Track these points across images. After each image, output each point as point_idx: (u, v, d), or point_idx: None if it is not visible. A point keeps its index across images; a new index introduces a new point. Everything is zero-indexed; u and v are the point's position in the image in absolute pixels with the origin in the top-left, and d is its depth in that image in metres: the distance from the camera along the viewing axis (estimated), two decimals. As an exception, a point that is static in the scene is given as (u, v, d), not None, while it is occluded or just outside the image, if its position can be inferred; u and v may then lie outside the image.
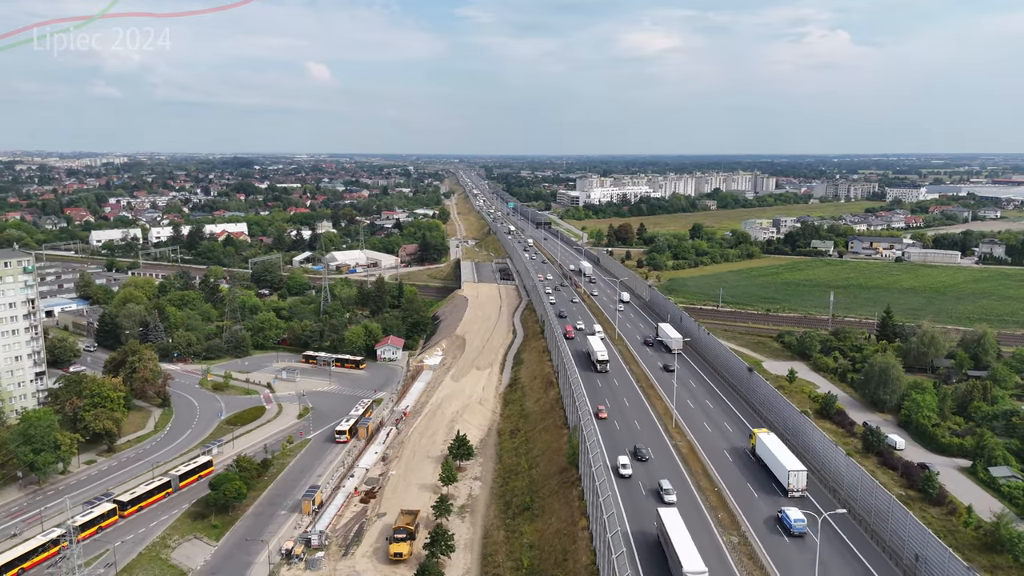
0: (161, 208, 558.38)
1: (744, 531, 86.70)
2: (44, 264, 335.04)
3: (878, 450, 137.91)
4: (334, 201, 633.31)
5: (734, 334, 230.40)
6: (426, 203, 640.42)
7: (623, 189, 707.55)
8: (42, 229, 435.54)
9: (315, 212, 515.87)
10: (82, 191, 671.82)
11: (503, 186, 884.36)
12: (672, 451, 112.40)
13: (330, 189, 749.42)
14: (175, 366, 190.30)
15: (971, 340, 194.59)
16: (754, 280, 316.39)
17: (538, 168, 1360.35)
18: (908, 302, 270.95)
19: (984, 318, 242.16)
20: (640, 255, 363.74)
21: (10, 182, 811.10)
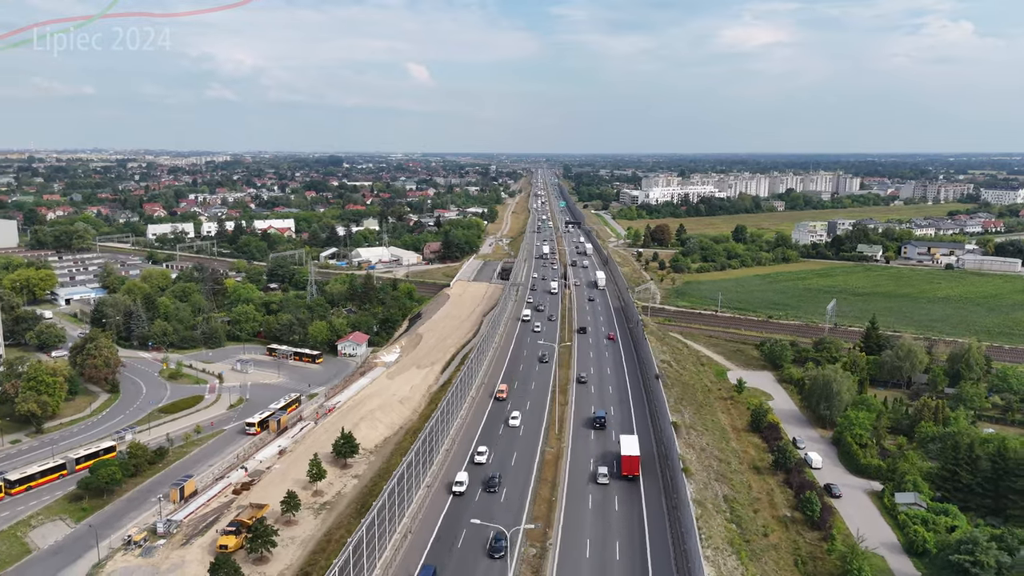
0: (229, 204, 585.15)
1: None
2: (90, 256, 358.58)
3: (787, 467, 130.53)
4: (396, 199, 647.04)
5: (718, 340, 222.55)
6: (485, 202, 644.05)
7: (686, 189, 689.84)
8: (113, 223, 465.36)
9: (364, 209, 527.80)
10: (169, 187, 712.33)
11: (573, 184, 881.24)
12: (536, 456, 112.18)
13: (397, 187, 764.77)
14: (148, 354, 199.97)
15: (958, 355, 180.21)
16: (774, 285, 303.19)
17: (621, 166, 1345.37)
18: (930, 312, 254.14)
19: (1007, 332, 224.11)
20: (670, 256, 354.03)
21: (113, 178, 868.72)
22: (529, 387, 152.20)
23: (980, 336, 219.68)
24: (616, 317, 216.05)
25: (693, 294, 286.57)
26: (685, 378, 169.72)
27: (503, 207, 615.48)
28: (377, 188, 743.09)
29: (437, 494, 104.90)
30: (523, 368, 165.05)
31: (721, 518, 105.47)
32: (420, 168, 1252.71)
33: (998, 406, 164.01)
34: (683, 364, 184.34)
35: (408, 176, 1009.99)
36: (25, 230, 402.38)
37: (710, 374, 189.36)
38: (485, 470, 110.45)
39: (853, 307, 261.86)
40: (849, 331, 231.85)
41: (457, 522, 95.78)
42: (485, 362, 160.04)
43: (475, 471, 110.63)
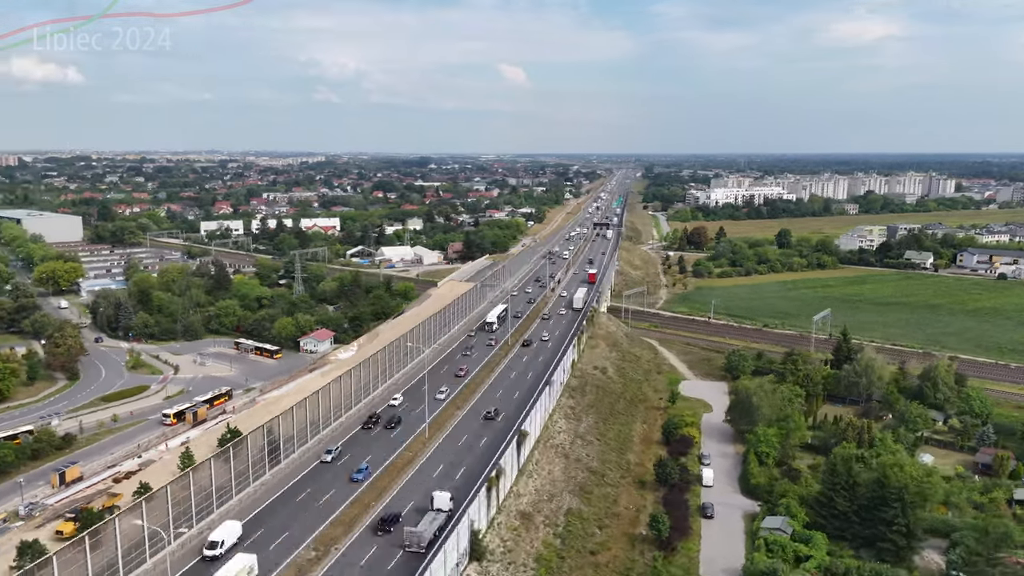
0: (293, 203, 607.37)
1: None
2: (138, 250, 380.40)
3: (671, 483, 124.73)
4: (456, 199, 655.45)
5: (694, 348, 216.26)
6: (544, 202, 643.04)
7: (754, 190, 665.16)
8: (177, 219, 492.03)
9: (416, 209, 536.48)
10: (246, 186, 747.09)
11: (647, 185, 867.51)
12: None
13: (461, 188, 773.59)
14: (127, 344, 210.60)
15: (925, 372, 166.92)
16: (791, 293, 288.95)
17: (710, 167, 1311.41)
18: (947, 326, 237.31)
19: (1018, 350, 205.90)
20: (697, 260, 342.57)
21: (207, 178, 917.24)
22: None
23: (990, 352, 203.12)
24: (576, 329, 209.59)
25: (698, 300, 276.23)
26: (615, 387, 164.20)
27: (559, 208, 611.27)
28: (442, 188, 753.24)
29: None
30: (435, 381, 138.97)
31: (545, 533, 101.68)
32: (501, 169, 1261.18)
33: (955, 430, 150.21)
34: (627, 372, 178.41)
35: (483, 176, 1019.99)
36: (97, 226, 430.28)
37: (660, 383, 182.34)
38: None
39: (867, 318, 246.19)
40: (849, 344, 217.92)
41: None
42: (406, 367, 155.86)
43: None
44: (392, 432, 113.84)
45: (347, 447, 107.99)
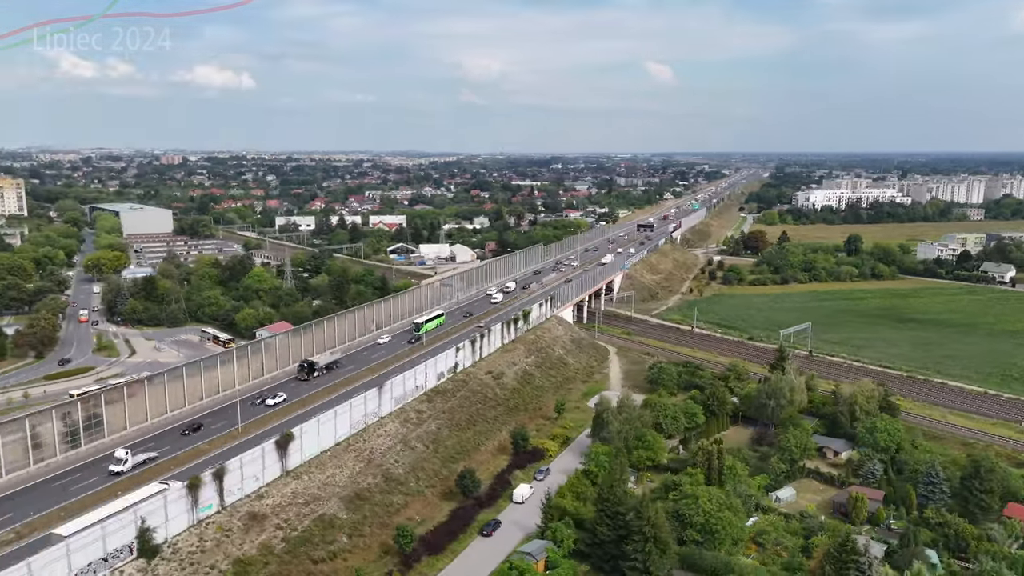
0: (383, 201, 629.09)
1: None
2: (207, 241, 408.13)
3: (475, 496, 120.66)
4: (548, 198, 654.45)
5: (648, 358, 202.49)
6: (638, 203, 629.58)
7: (863, 192, 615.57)
8: (272, 214, 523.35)
9: (477, 209, 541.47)
10: (350, 185, 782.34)
11: (763, 184, 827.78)
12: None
13: (565, 185, 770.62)
14: (114, 328, 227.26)
15: (841, 397, 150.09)
16: (813, 304, 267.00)
17: (849, 166, 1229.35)
18: (963, 348, 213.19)
19: (1009, 375, 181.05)
20: (734, 266, 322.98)
21: (329, 176, 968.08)
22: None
23: (989, 381, 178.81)
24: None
25: (705, 308, 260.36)
26: (500, 394, 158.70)
27: (650, 208, 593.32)
28: (539, 188, 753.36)
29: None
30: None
31: (270, 536, 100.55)
32: (624, 168, 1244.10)
33: (853, 463, 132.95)
34: (535, 379, 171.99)
35: (595, 176, 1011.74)
36: (180, 219, 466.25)
37: (575, 393, 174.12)
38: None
39: (871, 334, 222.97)
40: (825, 360, 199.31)
41: None
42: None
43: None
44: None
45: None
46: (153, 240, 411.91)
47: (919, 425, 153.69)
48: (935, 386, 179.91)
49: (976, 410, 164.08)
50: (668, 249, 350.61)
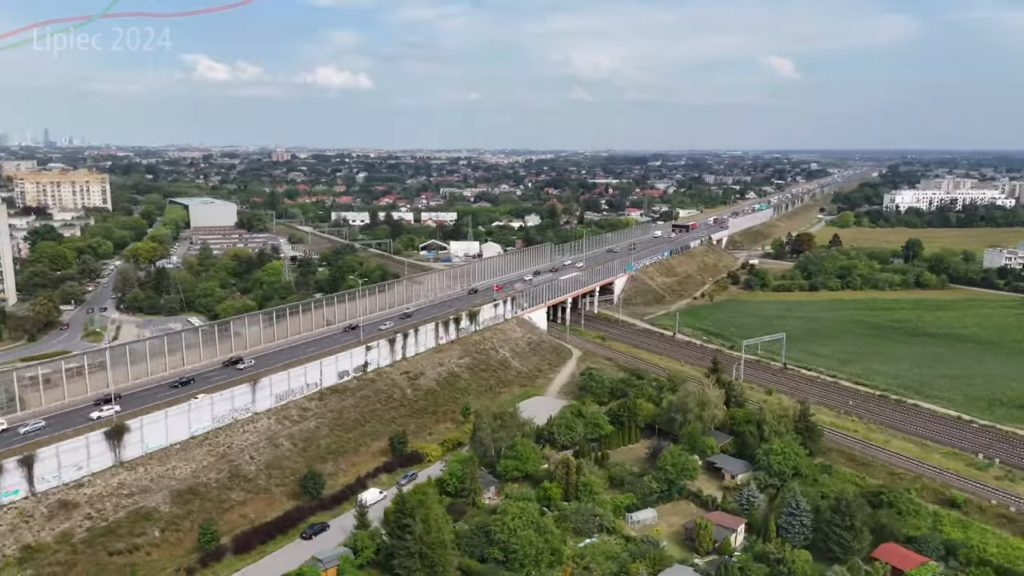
0: (446, 198, 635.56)
1: None
2: (260, 235, 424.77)
3: (320, 497, 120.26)
4: (619, 195, 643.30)
5: (612, 363, 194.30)
6: (711, 202, 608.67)
7: (961, 193, 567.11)
8: (341, 209, 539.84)
9: (529, 207, 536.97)
10: (434, 183, 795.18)
11: (874, 179, 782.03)
12: None
13: (625, 185, 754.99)
14: (117, 315, 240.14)
15: (752, 416, 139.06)
16: (822, 314, 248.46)
17: (980, 164, 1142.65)
18: (968, 368, 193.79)
19: (998, 399, 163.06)
20: (760, 271, 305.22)
21: (415, 174, 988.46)
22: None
23: (974, 406, 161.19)
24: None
25: (704, 314, 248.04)
26: (407, 395, 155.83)
27: (722, 208, 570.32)
28: (613, 186, 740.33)
29: None
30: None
31: (74, 524, 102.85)
32: (724, 166, 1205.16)
33: (741, 487, 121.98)
34: (459, 382, 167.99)
35: (686, 173, 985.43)
36: (241, 213, 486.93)
37: (506, 397, 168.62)
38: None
39: (882, 349, 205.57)
40: (798, 375, 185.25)
41: None
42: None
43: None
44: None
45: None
46: (215, 233, 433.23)
47: (851, 449, 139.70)
48: (906, 408, 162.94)
49: (935, 436, 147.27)
50: (700, 251, 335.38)
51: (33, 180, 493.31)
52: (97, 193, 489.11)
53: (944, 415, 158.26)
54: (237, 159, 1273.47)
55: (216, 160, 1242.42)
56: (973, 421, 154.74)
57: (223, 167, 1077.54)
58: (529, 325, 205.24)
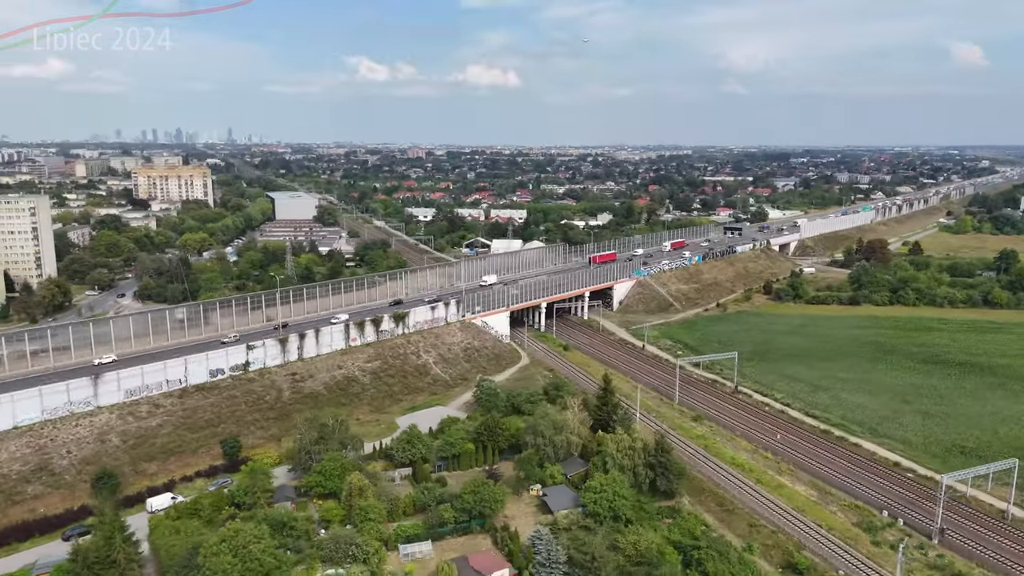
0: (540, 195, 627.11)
1: None
2: (330, 228, 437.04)
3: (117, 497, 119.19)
4: (726, 195, 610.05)
5: (552, 374, 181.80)
6: (816, 203, 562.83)
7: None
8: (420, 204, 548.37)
9: (602, 205, 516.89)
10: (536, 180, 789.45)
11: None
12: None
13: (735, 183, 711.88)
14: (128, 302, 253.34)
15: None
16: (836, 332, 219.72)
17: None
18: (962, 402, 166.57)
19: (961, 444, 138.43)
20: (794, 282, 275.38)
21: (528, 170, 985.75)
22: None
23: (939, 446, 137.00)
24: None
25: (704, 326, 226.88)
26: (280, 397, 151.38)
27: (827, 210, 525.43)
28: (724, 184, 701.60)
29: None
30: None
31: None
32: (875, 163, 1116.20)
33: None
34: (353, 387, 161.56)
35: (817, 171, 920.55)
36: (319, 207, 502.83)
37: (402, 405, 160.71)
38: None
39: (870, 376, 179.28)
40: (749, 399, 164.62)
41: None
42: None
43: None
44: None
45: None
46: (290, 225, 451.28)
47: (724, 492, 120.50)
48: (842, 447, 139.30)
49: (848, 484, 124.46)
50: (747, 256, 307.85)
51: (145, 175, 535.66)
52: (199, 187, 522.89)
53: (883, 459, 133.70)
54: (375, 156, 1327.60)
55: (358, 156, 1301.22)
56: (915, 468, 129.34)
57: (357, 163, 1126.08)
58: (476, 329, 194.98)
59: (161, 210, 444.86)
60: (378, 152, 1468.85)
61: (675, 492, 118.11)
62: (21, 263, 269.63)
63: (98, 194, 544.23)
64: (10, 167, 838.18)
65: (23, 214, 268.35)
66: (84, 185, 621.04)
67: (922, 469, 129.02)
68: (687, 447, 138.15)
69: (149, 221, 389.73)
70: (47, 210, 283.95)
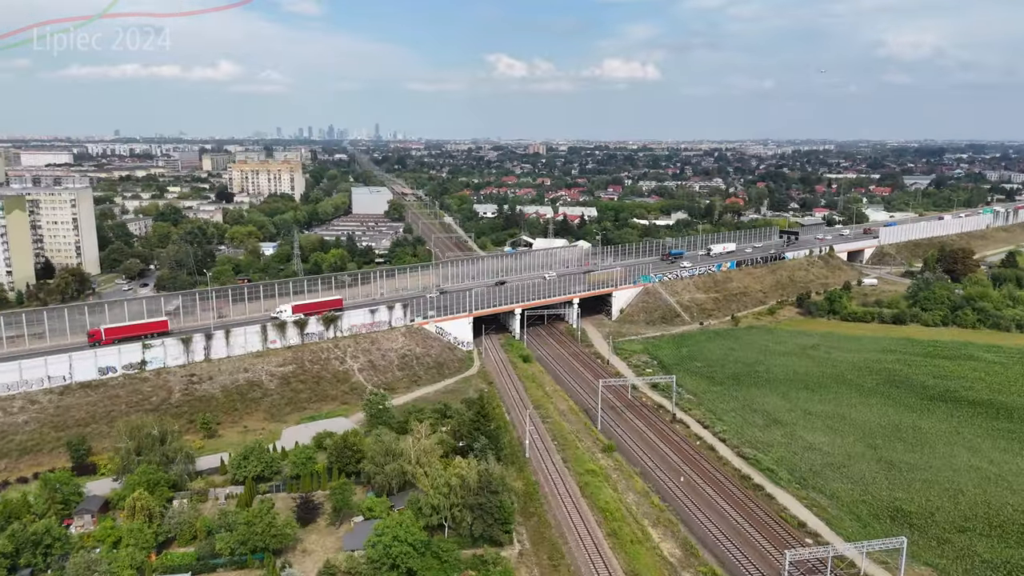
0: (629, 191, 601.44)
1: None
2: (391, 223, 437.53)
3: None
4: (835, 193, 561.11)
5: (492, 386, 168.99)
6: (942, 205, 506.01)
7: None
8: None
9: (676, 203, 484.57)
10: (619, 178, 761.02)
11: None
12: None
13: (854, 181, 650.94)
14: (147, 290, 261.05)
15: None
16: (852, 355, 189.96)
17: None
18: (945, 451, 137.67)
19: (897, 507, 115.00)
20: (843, 293, 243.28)
21: (650, 165, 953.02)
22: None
23: (874, 507, 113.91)
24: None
25: (701, 341, 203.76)
26: (168, 398, 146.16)
27: (955, 210, 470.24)
28: (839, 181, 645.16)
29: None
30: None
31: None
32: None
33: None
34: (253, 391, 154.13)
35: (962, 167, 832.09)
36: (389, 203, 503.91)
37: (305, 412, 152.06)
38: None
39: (856, 414, 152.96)
40: (686, 430, 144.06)
41: None
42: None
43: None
44: None
45: None
46: (358, 220, 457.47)
47: (558, 540, 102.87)
48: (757, 497, 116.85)
49: (721, 548, 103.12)
50: (795, 264, 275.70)
51: (239, 169, 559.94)
52: (287, 181, 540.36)
53: (791, 517, 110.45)
54: (498, 151, 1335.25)
55: (481, 152, 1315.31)
56: (817, 534, 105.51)
57: (475, 159, 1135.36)
58: (423, 335, 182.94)
59: (237, 204, 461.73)
60: (501, 148, 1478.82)
61: (499, 540, 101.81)
62: (63, 252, 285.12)
63: (200, 187, 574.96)
64: (148, 161, 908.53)
65: (65, 205, 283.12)
66: (196, 179, 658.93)
67: (829, 534, 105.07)
68: (565, 484, 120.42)
69: (214, 215, 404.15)
70: (89, 201, 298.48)
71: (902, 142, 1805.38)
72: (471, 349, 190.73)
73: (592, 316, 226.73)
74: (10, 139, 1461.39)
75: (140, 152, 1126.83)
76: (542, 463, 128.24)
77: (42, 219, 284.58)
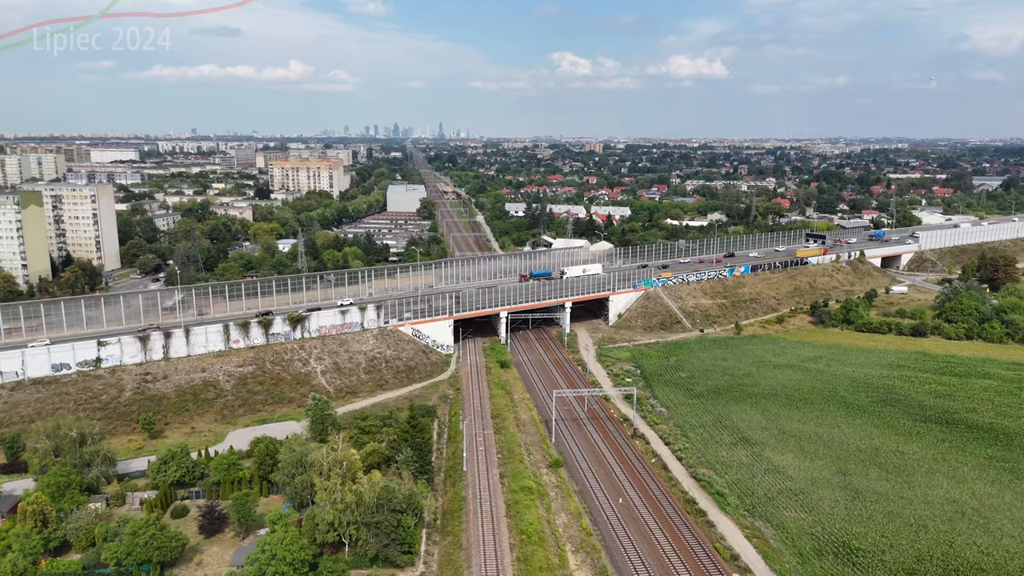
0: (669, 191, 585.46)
1: None
2: (418, 221, 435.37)
3: None
4: (893, 195, 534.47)
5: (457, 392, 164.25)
6: (1000, 208, 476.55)
7: None
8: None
9: (715, 203, 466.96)
10: (689, 174, 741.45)
11: None
12: None
13: (917, 181, 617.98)
14: (156, 285, 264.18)
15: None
16: (864, 372, 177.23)
17: None
18: (937, 480, 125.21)
19: (842, 546, 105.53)
20: (915, 303, 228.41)
21: (705, 164, 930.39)
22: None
23: (818, 550, 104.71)
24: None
25: (694, 349, 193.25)
26: (130, 400, 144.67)
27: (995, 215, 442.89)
28: (899, 182, 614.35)
29: None
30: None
31: None
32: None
33: None
34: (208, 393, 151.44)
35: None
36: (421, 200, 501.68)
37: (259, 415, 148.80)
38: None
39: (844, 439, 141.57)
40: (645, 448, 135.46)
41: None
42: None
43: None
44: None
45: None
46: (391, 217, 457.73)
47: (465, 565, 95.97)
48: (696, 524, 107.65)
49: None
50: (818, 269, 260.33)
51: (280, 166, 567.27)
52: (325, 178, 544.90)
53: (726, 548, 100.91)
54: (554, 149, 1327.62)
55: (537, 151, 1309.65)
56: (750, 570, 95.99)
57: (529, 157, 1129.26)
58: (396, 338, 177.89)
59: (272, 200, 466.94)
60: (558, 146, 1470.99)
61: (398, 562, 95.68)
62: (84, 246, 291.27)
63: (244, 184, 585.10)
64: (206, 158, 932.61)
65: (85, 201, 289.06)
66: (244, 176, 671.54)
67: (763, 570, 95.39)
68: (492, 502, 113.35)
69: (244, 211, 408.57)
70: (109, 197, 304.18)
71: (984, 141, 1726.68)
72: (450, 353, 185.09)
73: (590, 321, 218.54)
74: (93, 136, 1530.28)
75: (207, 150, 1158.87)
76: (477, 478, 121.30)
77: (65, 214, 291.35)
